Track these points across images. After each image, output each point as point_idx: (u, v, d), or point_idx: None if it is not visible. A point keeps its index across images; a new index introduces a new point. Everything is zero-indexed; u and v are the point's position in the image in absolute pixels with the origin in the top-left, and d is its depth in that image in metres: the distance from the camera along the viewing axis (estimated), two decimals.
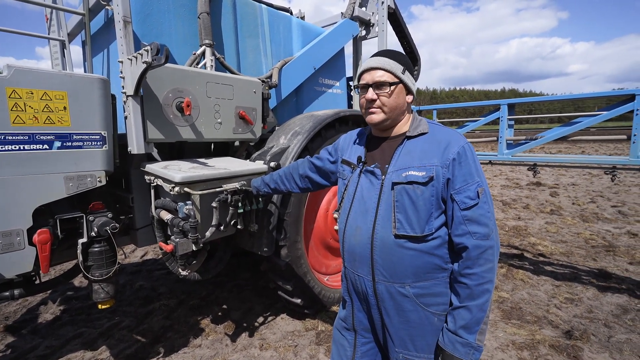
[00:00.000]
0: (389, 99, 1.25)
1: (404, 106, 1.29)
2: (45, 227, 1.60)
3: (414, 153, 1.24)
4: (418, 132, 1.26)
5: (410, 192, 1.19)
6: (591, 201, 7.41)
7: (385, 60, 1.26)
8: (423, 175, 1.17)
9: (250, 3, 2.92)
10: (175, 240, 1.84)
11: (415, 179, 1.19)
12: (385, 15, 3.79)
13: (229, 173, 1.97)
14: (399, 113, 1.29)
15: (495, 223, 1.17)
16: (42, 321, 3.10)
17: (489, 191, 1.19)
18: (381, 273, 1.26)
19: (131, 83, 1.80)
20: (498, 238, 1.18)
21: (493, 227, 1.15)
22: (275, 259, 2.55)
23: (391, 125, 1.32)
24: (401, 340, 1.27)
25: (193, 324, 2.96)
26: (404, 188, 1.20)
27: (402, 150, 1.27)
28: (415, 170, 1.20)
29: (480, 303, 1.12)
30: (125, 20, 1.84)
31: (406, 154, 1.25)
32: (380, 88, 1.25)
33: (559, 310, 3.10)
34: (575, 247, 4.71)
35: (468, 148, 1.20)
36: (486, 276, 1.13)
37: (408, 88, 1.29)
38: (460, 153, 1.18)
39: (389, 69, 1.25)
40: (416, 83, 4.44)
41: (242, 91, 2.38)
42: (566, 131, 2.94)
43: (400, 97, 1.27)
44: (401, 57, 1.30)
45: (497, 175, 11.32)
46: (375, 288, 1.28)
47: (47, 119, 1.59)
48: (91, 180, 1.75)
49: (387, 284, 1.26)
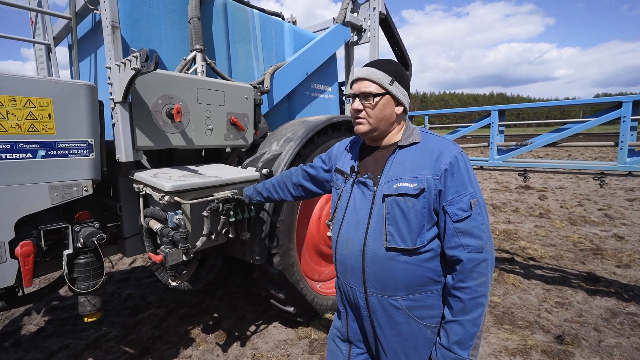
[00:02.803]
0: (373, 110, 1.24)
1: (392, 117, 1.26)
2: (28, 239, 1.54)
3: (406, 163, 1.21)
4: (410, 141, 1.24)
5: (401, 204, 1.17)
6: (578, 204, 7.55)
7: (373, 70, 1.25)
8: (414, 187, 1.15)
9: (242, 8, 2.90)
10: (165, 250, 1.79)
11: (406, 190, 1.16)
12: (377, 20, 3.80)
13: (220, 181, 1.94)
14: (387, 124, 1.27)
15: (490, 235, 1.16)
16: (26, 333, 2.99)
17: (483, 202, 1.17)
18: (373, 285, 1.24)
19: (119, 89, 1.75)
20: (493, 250, 1.16)
21: (487, 240, 1.13)
22: (268, 267, 2.51)
23: (380, 136, 1.30)
24: (394, 354, 1.25)
25: (183, 334, 2.90)
26: (395, 200, 1.18)
27: (394, 160, 1.25)
28: (407, 181, 1.17)
29: (473, 317, 1.11)
30: (113, 25, 1.79)
31: (398, 165, 1.23)
32: (366, 99, 1.24)
33: (550, 315, 3.13)
34: (564, 251, 4.78)
35: (461, 158, 1.17)
36: (480, 290, 1.11)
37: (397, 99, 1.26)
38: (453, 163, 1.15)
39: (375, 79, 1.23)
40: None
41: (233, 97, 2.35)
42: (555, 137, 2.99)
43: (387, 109, 1.25)
44: (391, 67, 1.27)
45: (487, 178, 11.45)
46: (368, 300, 1.26)
47: (30, 126, 1.53)
48: (77, 189, 1.69)
49: (379, 296, 1.23)
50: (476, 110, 3.63)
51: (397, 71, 1.26)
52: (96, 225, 1.81)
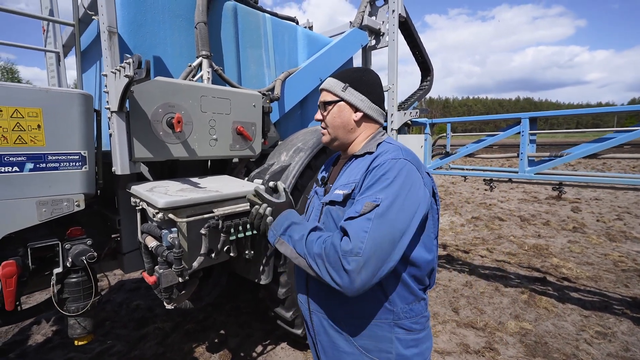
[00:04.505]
0: (327, 117, 1.23)
1: (350, 124, 1.20)
2: (12, 259, 1.44)
3: (352, 171, 1.12)
4: (365, 151, 1.14)
5: (332, 214, 1.09)
6: (617, 218, 6.97)
7: (329, 80, 1.24)
8: (343, 194, 1.06)
9: (253, 12, 2.78)
10: (159, 271, 1.65)
11: (336, 197, 1.08)
12: (396, 24, 3.61)
13: (221, 196, 1.79)
14: (345, 132, 1.21)
15: (368, 257, 0.89)
16: (32, 343, 2.95)
17: (394, 218, 0.92)
18: (314, 302, 1.16)
19: (115, 98, 1.65)
20: (357, 276, 0.89)
21: (360, 252, 0.89)
22: (274, 287, 2.34)
23: (342, 146, 1.25)
24: None
25: (187, 352, 2.77)
26: (328, 209, 1.12)
27: (347, 169, 1.17)
28: (340, 188, 1.09)
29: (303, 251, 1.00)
30: (110, 31, 1.70)
31: (347, 173, 1.14)
32: (325, 108, 1.24)
33: (590, 347, 2.79)
34: (603, 271, 4.35)
35: (395, 164, 0.98)
36: (309, 261, 0.98)
37: (352, 104, 1.17)
38: (380, 165, 1.00)
39: (329, 88, 1.22)
40: (429, 92, 4.12)
41: (240, 105, 2.22)
42: (597, 147, 2.67)
43: (343, 115, 1.19)
44: (349, 73, 1.22)
45: (514, 188, 10.87)
46: (311, 318, 1.19)
47: (18, 138, 1.44)
48: (67, 204, 1.59)
49: (320, 315, 1.14)
50: (504, 118, 3.35)
51: (355, 77, 1.19)
52: (88, 243, 1.70)
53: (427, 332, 1.12)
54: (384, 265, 0.91)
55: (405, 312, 1.05)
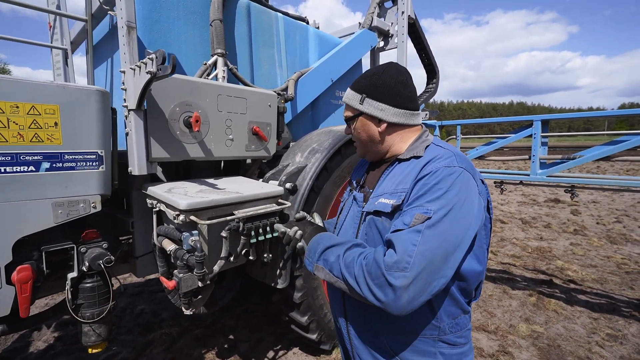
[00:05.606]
0: (354, 133, 1.17)
1: (377, 137, 1.12)
2: (27, 263, 1.37)
3: (397, 177, 1.03)
4: (411, 154, 1.04)
5: (378, 224, 1.01)
6: (616, 220, 7.03)
7: (347, 92, 1.16)
8: (392, 204, 0.96)
9: (266, 11, 2.74)
10: (179, 275, 1.59)
11: (382, 207, 0.99)
12: (406, 25, 3.59)
13: (241, 197, 1.73)
14: (376, 144, 1.13)
15: (418, 272, 0.82)
16: (34, 350, 2.85)
17: (452, 230, 0.86)
18: (352, 316, 1.09)
19: (134, 95, 1.59)
20: (406, 293, 0.81)
21: (409, 266, 0.81)
22: (289, 291, 2.28)
23: (378, 156, 1.17)
24: None
25: (196, 357, 2.69)
26: (373, 219, 1.02)
27: (389, 174, 1.08)
28: (387, 197, 1.00)
29: (344, 272, 0.93)
30: (129, 26, 1.64)
31: (391, 179, 1.05)
32: (349, 125, 1.19)
33: (603, 350, 2.77)
34: (607, 273, 4.36)
35: (449, 172, 0.90)
36: (350, 282, 0.91)
37: (373, 117, 1.09)
38: (432, 172, 0.92)
39: (347, 102, 1.15)
40: (434, 95, 4.09)
41: (256, 105, 2.16)
42: (611, 150, 2.67)
43: (367, 129, 1.12)
44: (364, 81, 1.11)
45: (512, 191, 10.94)
46: (349, 332, 1.11)
47: (34, 136, 1.37)
48: (84, 206, 1.52)
49: (359, 330, 1.08)
50: (516, 120, 3.34)
51: (370, 84, 1.09)
52: (104, 246, 1.63)
53: (470, 345, 1.06)
54: (435, 282, 0.84)
55: (451, 327, 1.00)
